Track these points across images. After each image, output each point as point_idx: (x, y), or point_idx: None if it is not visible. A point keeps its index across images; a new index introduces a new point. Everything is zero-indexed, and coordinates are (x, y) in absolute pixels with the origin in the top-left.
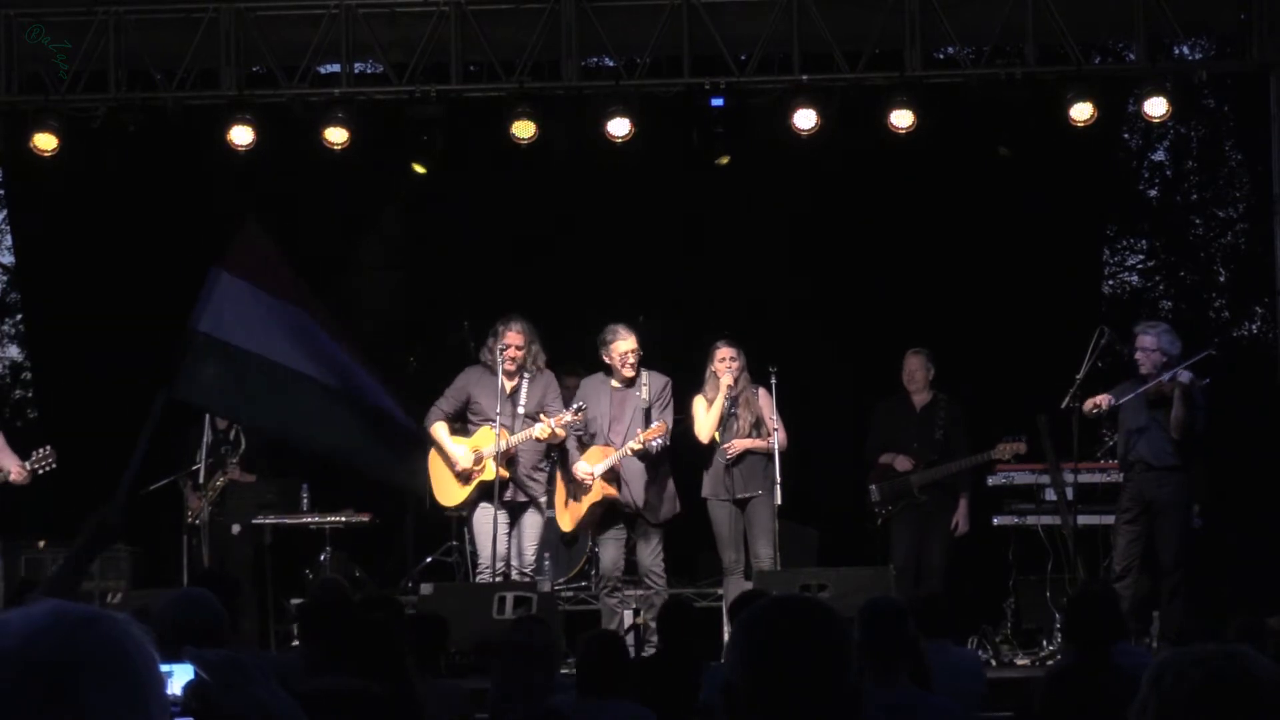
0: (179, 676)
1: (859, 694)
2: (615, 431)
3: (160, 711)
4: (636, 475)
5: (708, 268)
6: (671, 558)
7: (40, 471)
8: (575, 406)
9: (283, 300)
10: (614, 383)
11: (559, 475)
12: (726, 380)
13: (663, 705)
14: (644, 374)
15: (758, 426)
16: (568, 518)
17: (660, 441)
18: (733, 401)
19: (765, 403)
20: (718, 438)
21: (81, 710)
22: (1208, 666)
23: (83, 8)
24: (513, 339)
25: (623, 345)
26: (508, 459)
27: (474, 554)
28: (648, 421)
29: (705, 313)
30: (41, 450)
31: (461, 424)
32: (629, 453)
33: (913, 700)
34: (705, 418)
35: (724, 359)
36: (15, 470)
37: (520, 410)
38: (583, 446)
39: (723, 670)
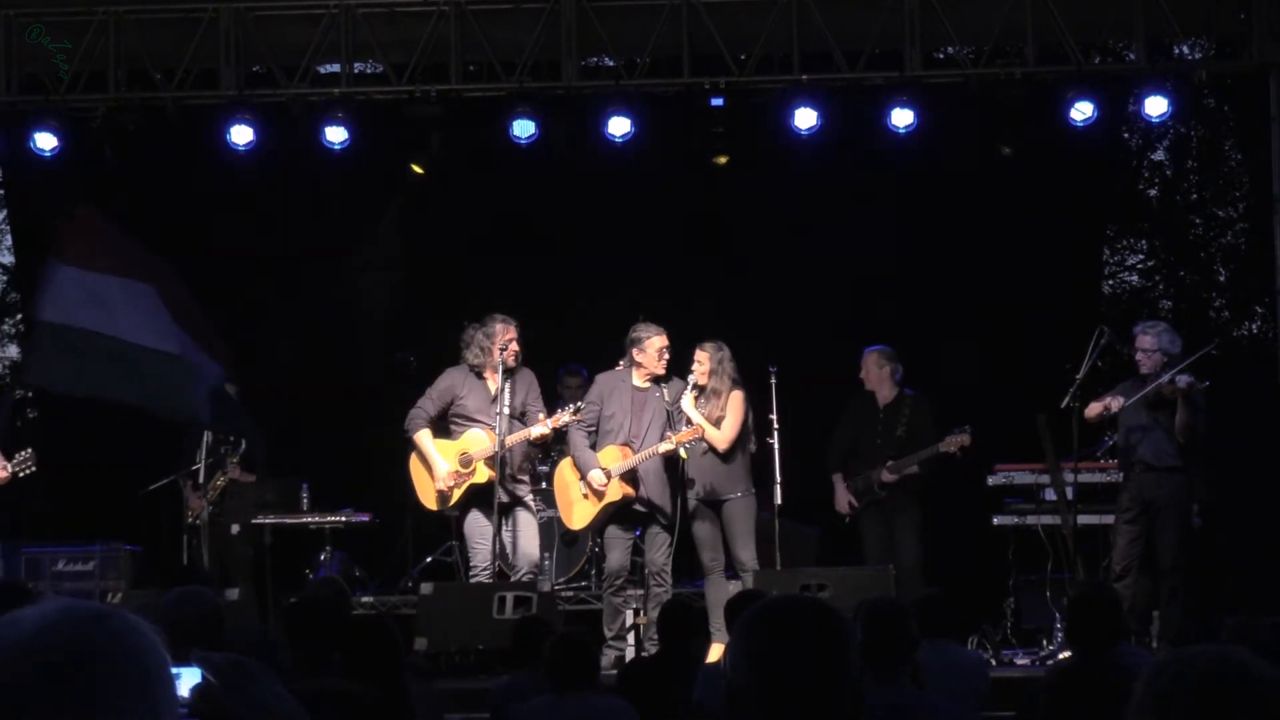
0: (186, 679)
1: (860, 694)
2: (635, 431)
3: (169, 708)
4: (653, 475)
5: (707, 267)
6: (672, 557)
7: (21, 474)
8: (574, 406)
9: (125, 278)
10: (636, 382)
11: (569, 472)
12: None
13: (662, 705)
14: None
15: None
16: (578, 516)
17: (694, 444)
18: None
19: (731, 404)
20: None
21: (91, 705)
22: (1204, 667)
23: (82, 7)
24: (512, 334)
25: (659, 341)
26: (499, 461)
27: (468, 557)
28: (671, 423)
29: (705, 313)
30: (23, 453)
31: (441, 427)
32: (659, 453)
33: (913, 700)
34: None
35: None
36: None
37: (505, 410)
38: (591, 443)
39: (723, 670)
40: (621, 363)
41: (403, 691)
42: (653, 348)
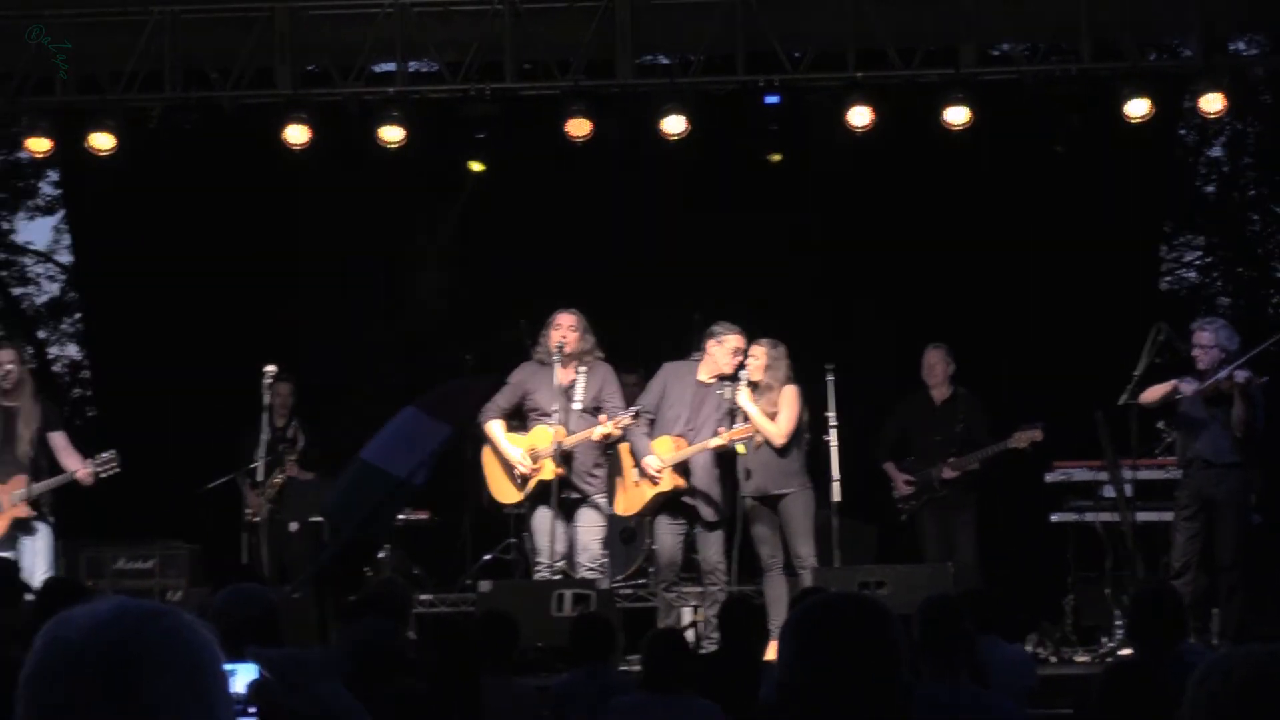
0: (242, 676)
1: (910, 692)
2: (691, 424)
3: (224, 706)
4: (703, 470)
5: (762, 265)
6: (738, 555)
7: (104, 475)
8: (634, 410)
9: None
10: (701, 376)
11: (625, 457)
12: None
13: (723, 702)
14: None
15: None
16: (628, 502)
17: (746, 442)
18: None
19: (785, 399)
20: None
21: (145, 702)
22: (1253, 666)
23: (138, 7)
24: (564, 320)
25: (736, 341)
26: (564, 457)
27: (533, 551)
28: (730, 421)
29: (760, 310)
30: (105, 454)
31: (519, 420)
32: (711, 448)
33: (971, 698)
34: None
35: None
36: (82, 472)
37: (577, 405)
38: (648, 431)
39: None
40: (695, 355)
41: (472, 692)
42: (729, 344)
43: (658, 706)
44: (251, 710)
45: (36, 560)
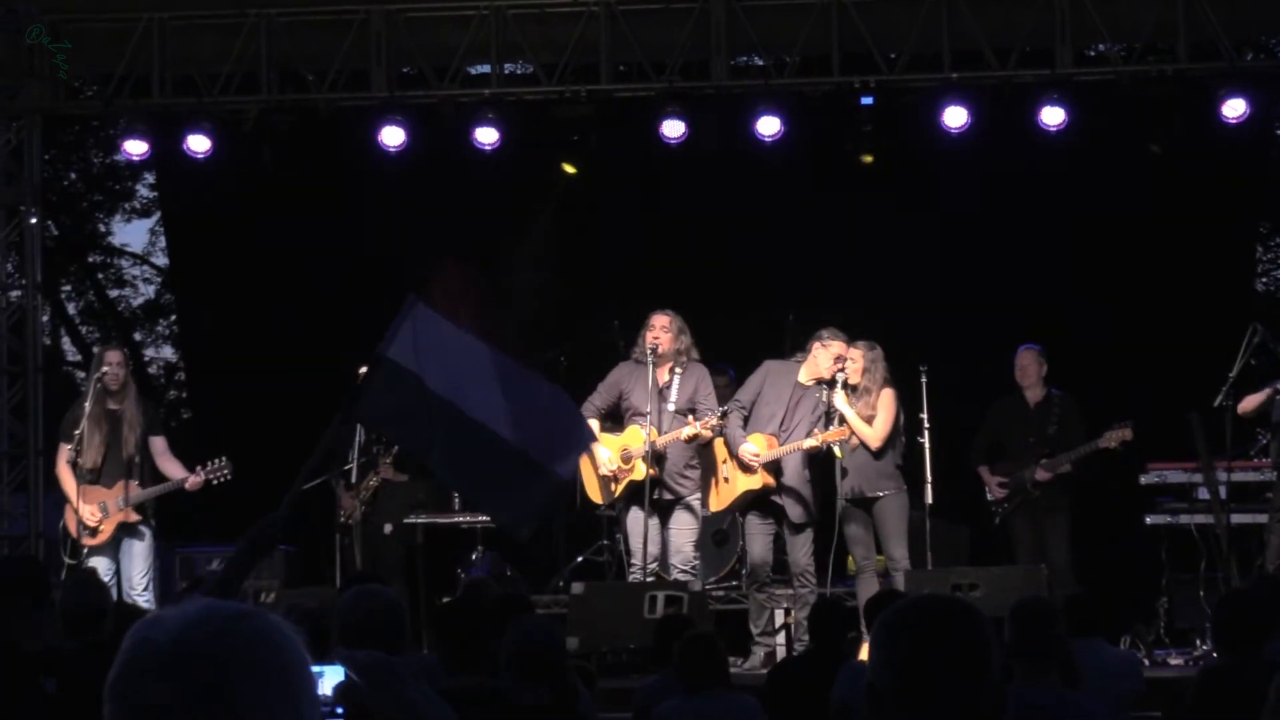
0: (330, 677)
1: (1003, 694)
2: (787, 425)
3: (311, 707)
4: (793, 471)
5: (857, 267)
6: (826, 556)
7: (215, 481)
8: (721, 410)
9: (476, 339)
10: (801, 377)
11: (718, 450)
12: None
13: (813, 704)
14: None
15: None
16: (717, 499)
17: (842, 444)
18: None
19: (882, 402)
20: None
21: (233, 703)
22: None
23: (234, 10)
24: (657, 320)
25: (839, 348)
26: (656, 458)
27: (626, 553)
28: (826, 424)
29: (855, 312)
30: (218, 460)
31: (616, 421)
32: (804, 449)
33: (1059, 700)
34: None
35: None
36: (192, 480)
37: (670, 406)
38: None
39: (864, 670)
40: (797, 355)
41: (572, 696)
42: (833, 350)
43: (696, 707)
44: (339, 711)
45: (134, 564)
